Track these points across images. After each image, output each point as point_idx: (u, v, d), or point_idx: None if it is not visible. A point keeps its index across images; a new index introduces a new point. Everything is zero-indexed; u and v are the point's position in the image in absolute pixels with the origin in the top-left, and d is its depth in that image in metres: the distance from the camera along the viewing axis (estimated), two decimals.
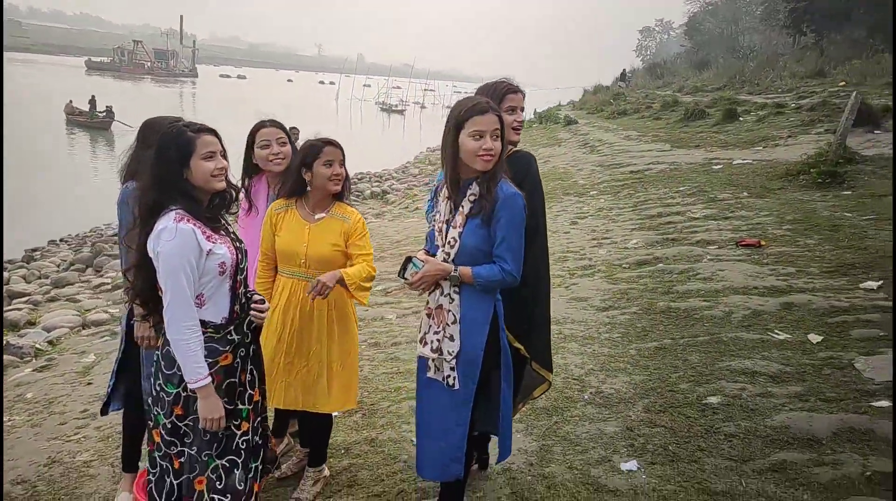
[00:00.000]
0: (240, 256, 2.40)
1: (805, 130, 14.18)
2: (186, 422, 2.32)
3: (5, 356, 6.29)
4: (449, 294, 2.53)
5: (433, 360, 2.57)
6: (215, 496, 2.32)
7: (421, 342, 2.59)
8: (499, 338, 2.58)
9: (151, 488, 2.39)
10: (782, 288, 5.18)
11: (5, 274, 11.01)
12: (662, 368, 4.08)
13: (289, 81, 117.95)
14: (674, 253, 6.66)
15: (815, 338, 4.22)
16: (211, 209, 2.39)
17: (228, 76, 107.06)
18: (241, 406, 2.39)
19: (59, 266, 11.60)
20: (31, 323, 7.80)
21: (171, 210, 2.27)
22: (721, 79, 30.35)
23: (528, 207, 2.53)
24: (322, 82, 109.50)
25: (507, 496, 2.98)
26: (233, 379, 2.37)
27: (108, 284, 9.63)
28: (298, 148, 3.08)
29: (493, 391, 2.62)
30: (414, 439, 3.57)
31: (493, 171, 2.49)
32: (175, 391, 2.31)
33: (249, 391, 2.43)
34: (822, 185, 8.93)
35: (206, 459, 2.32)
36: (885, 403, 3.34)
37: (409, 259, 2.55)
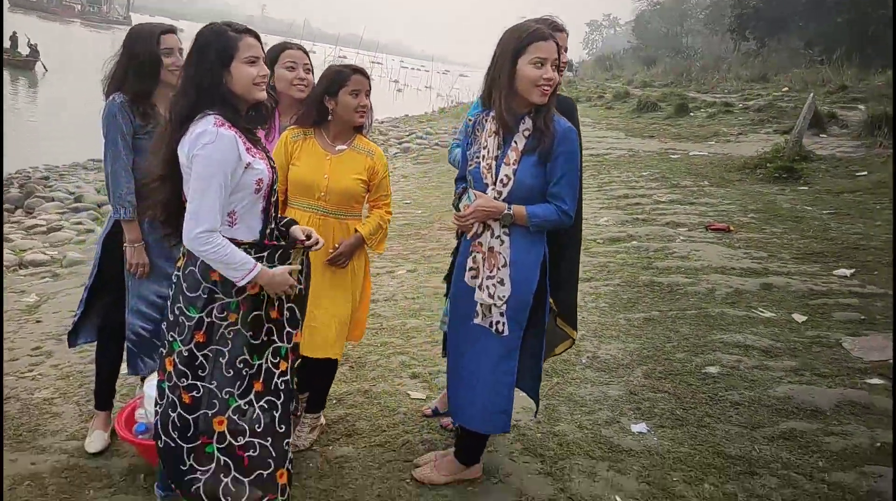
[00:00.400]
0: (274, 176, 2.18)
1: (754, 129, 14.63)
2: (205, 352, 2.08)
3: None
4: (499, 236, 2.39)
5: (482, 305, 2.42)
6: (254, 439, 2.10)
7: (479, 288, 2.43)
8: (545, 284, 2.46)
9: (158, 421, 2.16)
10: (758, 270, 5.27)
11: None
12: (655, 337, 4.07)
13: None
14: (646, 232, 6.70)
15: (799, 318, 4.30)
16: (248, 121, 2.15)
17: None
18: (279, 343, 2.18)
19: None
20: None
21: (209, 114, 2.02)
22: (668, 76, 31.06)
23: None
24: (265, 44, 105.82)
25: (520, 451, 2.88)
26: (259, 312, 2.14)
27: (42, 226, 8.95)
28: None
29: (531, 342, 2.50)
30: (411, 393, 3.46)
31: (548, 104, 2.35)
32: (198, 315, 2.07)
33: (289, 329, 2.20)
34: (778, 179, 9.19)
35: (226, 397, 2.09)
36: (879, 380, 3.42)
37: (465, 190, 2.40)
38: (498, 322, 2.42)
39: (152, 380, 2.75)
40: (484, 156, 2.42)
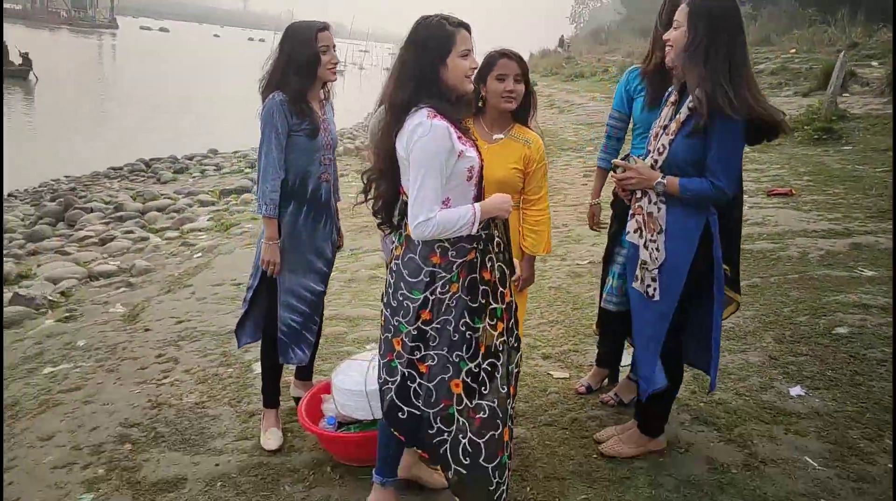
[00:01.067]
0: (482, 162, 2.24)
1: (773, 93, 14.59)
2: (434, 326, 2.19)
3: (15, 307, 5.81)
4: (656, 203, 2.45)
5: (640, 267, 2.50)
6: (482, 401, 2.19)
7: (644, 246, 2.51)
8: (711, 254, 2.51)
9: (392, 396, 2.24)
10: (840, 231, 5.34)
11: None
12: (769, 304, 4.14)
13: (215, 36, 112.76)
14: None
15: None
16: (458, 111, 2.21)
17: (149, 28, 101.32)
18: (494, 305, 2.24)
19: (22, 220, 10.75)
20: (24, 276, 7.20)
21: (422, 107, 2.10)
22: None
23: None
24: (251, 39, 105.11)
25: (691, 421, 2.96)
26: (474, 275, 2.22)
27: (92, 236, 8.98)
28: None
29: (703, 313, 2.57)
30: (553, 373, 3.54)
31: (700, 75, 2.36)
32: (421, 296, 2.17)
33: (501, 289, 2.27)
34: (819, 141, 9.25)
35: (457, 361, 2.18)
36: None
37: (627, 156, 2.48)
38: (649, 286, 2.50)
39: (341, 374, 2.83)
40: (657, 124, 2.49)
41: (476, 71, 2.75)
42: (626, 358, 3.35)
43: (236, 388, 3.64)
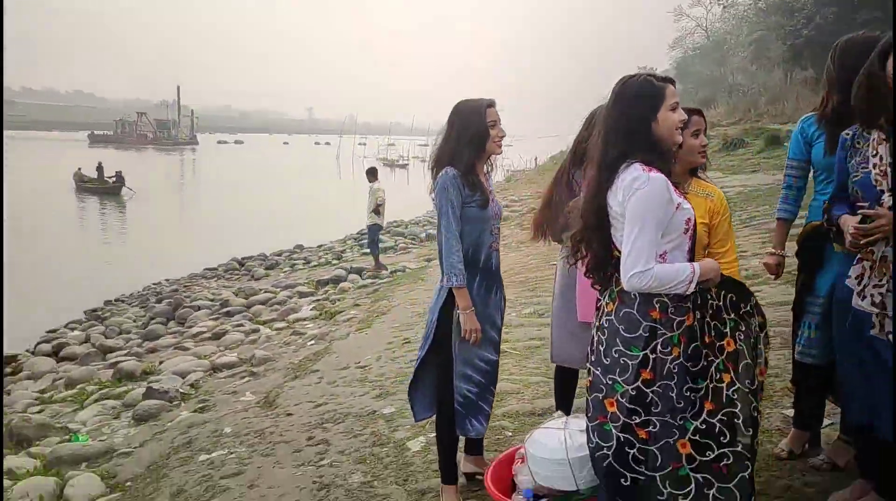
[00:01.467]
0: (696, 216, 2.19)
1: None
2: (655, 388, 2.06)
3: (150, 401, 5.94)
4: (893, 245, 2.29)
5: (877, 315, 2.32)
6: (724, 450, 2.05)
7: (859, 295, 2.34)
8: None
9: (610, 461, 2.11)
10: None
11: (76, 332, 10.76)
12: None
13: (285, 143, 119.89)
14: None
15: None
16: (668, 163, 2.18)
17: (226, 142, 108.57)
18: (715, 360, 2.11)
19: (135, 321, 11.26)
20: (149, 372, 7.42)
21: (633, 162, 2.09)
22: (734, 114, 30.76)
23: None
24: (317, 143, 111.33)
25: None
26: (696, 343, 2.10)
27: (205, 332, 9.28)
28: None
29: None
30: None
31: None
32: (642, 353, 2.07)
33: (718, 342, 2.14)
34: None
35: (681, 422, 2.05)
36: None
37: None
38: (891, 333, 2.31)
39: (536, 443, 2.69)
40: (876, 164, 2.37)
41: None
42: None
43: (397, 467, 3.54)
